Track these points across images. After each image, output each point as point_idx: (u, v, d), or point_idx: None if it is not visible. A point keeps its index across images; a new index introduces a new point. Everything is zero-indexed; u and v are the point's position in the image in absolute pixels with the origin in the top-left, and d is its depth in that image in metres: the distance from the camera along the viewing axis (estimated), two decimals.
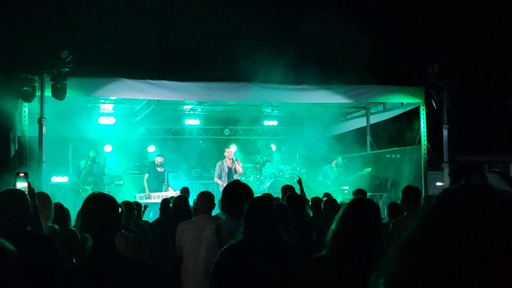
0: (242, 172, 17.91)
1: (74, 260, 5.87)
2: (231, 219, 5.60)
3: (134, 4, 17.15)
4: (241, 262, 4.59)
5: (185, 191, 13.47)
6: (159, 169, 17.91)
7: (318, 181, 18.72)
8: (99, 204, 4.04)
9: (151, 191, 17.56)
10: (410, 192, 7.80)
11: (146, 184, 17.76)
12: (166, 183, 17.90)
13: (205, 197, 7.70)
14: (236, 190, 5.76)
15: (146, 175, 18.01)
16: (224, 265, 4.72)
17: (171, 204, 9.95)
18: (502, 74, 19.72)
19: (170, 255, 8.08)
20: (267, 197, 5.09)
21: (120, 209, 4.16)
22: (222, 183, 16.61)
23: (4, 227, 4.69)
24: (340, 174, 18.76)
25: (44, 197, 6.65)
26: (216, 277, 4.76)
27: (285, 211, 6.75)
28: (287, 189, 9.94)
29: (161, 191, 17.54)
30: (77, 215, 4.45)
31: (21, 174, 5.67)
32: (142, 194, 17.44)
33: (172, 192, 17.35)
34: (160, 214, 10.60)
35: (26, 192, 5.17)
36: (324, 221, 7.27)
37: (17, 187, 5.34)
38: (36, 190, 5.98)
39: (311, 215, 9.76)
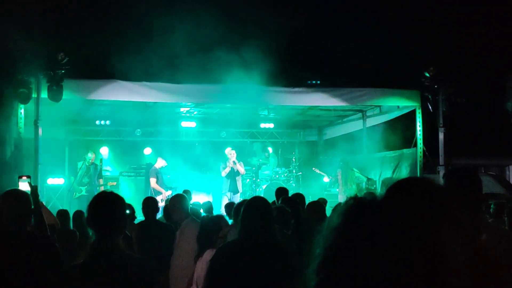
0: (244, 173, 18.01)
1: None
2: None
3: (130, 5, 17.15)
4: (236, 260, 4.62)
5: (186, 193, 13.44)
6: (158, 168, 17.86)
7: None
8: (109, 202, 4.06)
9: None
10: None
11: (157, 187, 17.49)
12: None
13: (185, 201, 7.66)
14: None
15: (154, 179, 17.69)
16: (219, 262, 4.76)
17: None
18: (498, 77, 19.75)
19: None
20: (263, 197, 5.06)
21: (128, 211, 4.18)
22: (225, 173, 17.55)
23: (5, 227, 4.72)
24: None
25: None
26: (211, 273, 4.80)
27: (286, 215, 6.73)
28: (281, 192, 9.93)
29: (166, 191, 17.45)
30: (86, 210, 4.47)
31: (24, 177, 5.71)
32: (161, 196, 16.85)
33: (169, 192, 17.32)
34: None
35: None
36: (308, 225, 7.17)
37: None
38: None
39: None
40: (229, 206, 11.12)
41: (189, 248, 7.03)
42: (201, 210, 11.23)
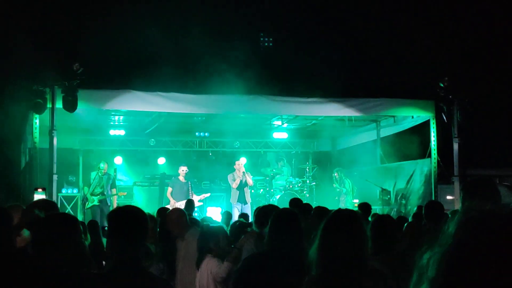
0: (252, 184, 17.94)
1: None
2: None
3: (145, 16, 17.24)
4: (264, 271, 4.60)
5: (189, 203, 13.43)
6: (182, 179, 17.68)
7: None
8: (128, 215, 4.00)
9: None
10: (434, 208, 7.74)
11: (170, 197, 17.31)
12: (191, 194, 17.53)
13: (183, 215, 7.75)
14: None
15: (170, 189, 17.50)
16: (246, 272, 4.73)
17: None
18: None
19: None
20: (292, 209, 5.04)
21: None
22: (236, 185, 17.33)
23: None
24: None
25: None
26: (238, 283, 4.78)
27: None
28: (295, 202, 9.90)
29: None
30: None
31: (39, 189, 5.77)
32: (168, 206, 16.42)
33: (196, 198, 17.03)
34: None
35: None
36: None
37: None
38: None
39: None
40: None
41: (191, 253, 7.15)
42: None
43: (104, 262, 7.90)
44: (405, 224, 6.64)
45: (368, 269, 3.84)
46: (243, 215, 12.10)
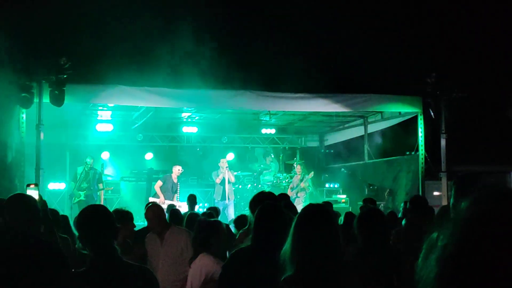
0: (234, 181, 17.95)
1: None
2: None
3: (133, 11, 17.18)
4: (249, 267, 4.58)
5: (193, 198, 13.30)
6: (174, 178, 17.55)
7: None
8: (92, 215, 4.10)
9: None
10: (417, 202, 7.78)
11: (159, 191, 17.18)
12: (177, 196, 17.44)
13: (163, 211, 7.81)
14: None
15: (160, 183, 17.36)
16: (232, 268, 4.72)
17: None
18: (500, 83, 19.75)
19: None
20: (277, 204, 5.00)
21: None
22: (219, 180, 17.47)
23: (13, 229, 4.69)
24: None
25: None
26: (224, 279, 4.77)
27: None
28: (282, 198, 9.88)
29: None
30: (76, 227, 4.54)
31: (32, 185, 5.69)
32: (157, 200, 16.34)
33: (179, 204, 16.79)
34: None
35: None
36: None
37: None
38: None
39: None
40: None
41: (176, 253, 7.23)
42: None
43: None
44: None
45: (344, 261, 3.89)
46: (213, 209, 11.76)
